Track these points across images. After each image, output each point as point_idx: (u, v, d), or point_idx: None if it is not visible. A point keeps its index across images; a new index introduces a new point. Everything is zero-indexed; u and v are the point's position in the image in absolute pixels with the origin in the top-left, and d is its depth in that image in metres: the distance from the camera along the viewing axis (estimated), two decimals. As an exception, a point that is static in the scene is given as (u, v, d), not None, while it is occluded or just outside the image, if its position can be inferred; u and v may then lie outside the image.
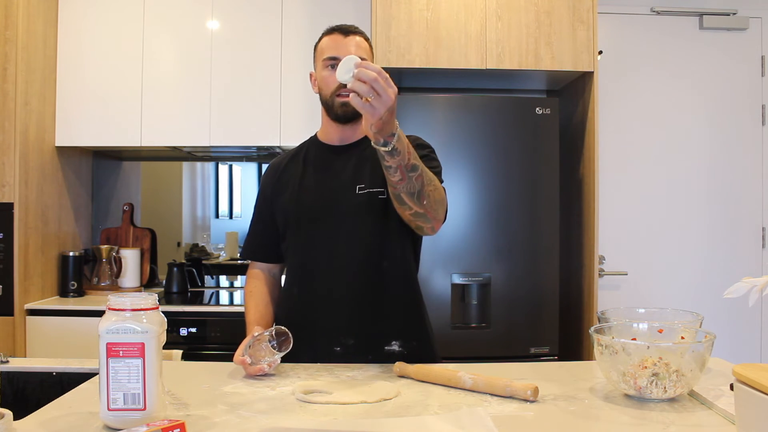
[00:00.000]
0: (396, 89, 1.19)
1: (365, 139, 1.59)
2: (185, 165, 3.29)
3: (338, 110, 1.54)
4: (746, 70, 3.23)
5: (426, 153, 1.55)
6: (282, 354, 1.35)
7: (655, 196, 3.21)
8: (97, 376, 1.07)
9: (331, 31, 1.58)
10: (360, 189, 1.54)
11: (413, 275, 1.62)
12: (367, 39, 1.59)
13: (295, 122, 2.82)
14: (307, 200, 1.57)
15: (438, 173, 1.52)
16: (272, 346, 1.34)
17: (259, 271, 1.69)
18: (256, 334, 1.38)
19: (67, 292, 2.81)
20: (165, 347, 1.09)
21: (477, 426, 1.04)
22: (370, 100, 1.17)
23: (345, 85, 1.46)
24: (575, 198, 2.89)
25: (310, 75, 1.62)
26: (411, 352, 1.52)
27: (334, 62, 1.51)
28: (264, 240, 1.67)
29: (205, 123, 2.83)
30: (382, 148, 1.24)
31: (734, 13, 3.19)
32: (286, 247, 1.62)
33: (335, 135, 1.61)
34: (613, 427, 1.07)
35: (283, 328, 1.37)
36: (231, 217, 3.34)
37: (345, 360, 1.47)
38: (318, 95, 1.60)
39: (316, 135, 1.69)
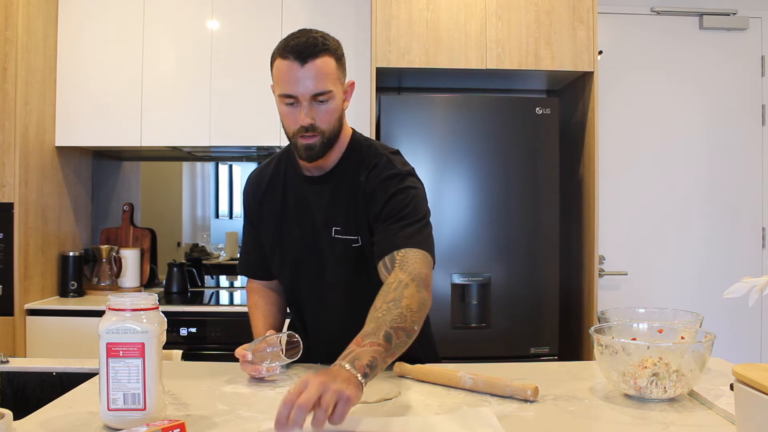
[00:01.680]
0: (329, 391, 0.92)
1: (337, 169, 1.44)
2: (185, 165, 3.28)
3: (302, 153, 1.36)
4: (746, 70, 3.23)
5: (397, 196, 1.34)
6: (287, 361, 1.32)
7: (655, 195, 3.21)
8: (97, 376, 1.07)
9: (285, 54, 1.29)
10: (336, 232, 1.41)
11: None
12: (334, 53, 1.32)
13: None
14: (288, 236, 1.49)
15: (416, 219, 1.33)
16: (279, 350, 1.31)
17: (258, 285, 1.63)
18: (267, 335, 1.35)
19: (67, 292, 2.81)
20: (165, 347, 1.09)
21: (483, 426, 1.03)
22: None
23: (308, 127, 1.29)
24: (575, 198, 2.89)
25: (272, 87, 1.37)
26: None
27: (291, 101, 1.31)
28: (258, 259, 1.59)
29: (205, 123, 2.83)
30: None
31: (734, 13, 3.19)
32: (276, 272, 1.57)
33: (307, 164, 1.43)
34: (613, 427, 1.07)
35: (295, 335, 1.33)
36: (231, 217, 3.34)
37: None
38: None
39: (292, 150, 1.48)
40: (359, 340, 1.08)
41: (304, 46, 1.28)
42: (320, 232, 1.44)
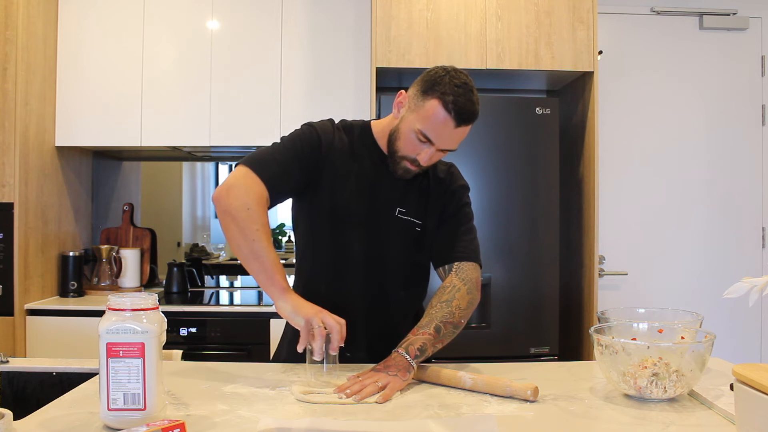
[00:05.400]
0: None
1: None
2: (185, 165, 3.29)
3: (400, 172, 1.46)
4: (746, 70, 3.23)
5: (465, 209, 1.59)
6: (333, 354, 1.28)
7: (655, 196, 3.21)
8: (97, 376, 1.07)
9: (448, 107, 1.36)
10: (400, 213, 1.51)
11: (422, 303, 1.63)
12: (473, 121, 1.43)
13: (295, 122, 2.77)
14: (349, 203, 1.49)
15: (470, 228, 1.57)
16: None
17: (263, 195, 1.39)
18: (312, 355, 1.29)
19: (67, 292, 2.80)
20: (165, 347, 1.09)
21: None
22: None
23: (417, 162, 1.42)
24: (575, 198, 2.89)
25: (402, 98, 1.45)
26: None
27: (426, 142, 1.40)
28: (285, 176, 1.44)
29: (205, 123, 2.83)
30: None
31: (734, 13, 3.19)
32: (309, 242, 1.54)
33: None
34: (613, 427, 1.07)
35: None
36: (231, 217, 3.33)
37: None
38: (400, 110, 1.47)
39: (370, 127, 1.56)
40: (414, 330, 1.36)
41: (466, 112, 1.38)
42: (385, 206, 1.51)
